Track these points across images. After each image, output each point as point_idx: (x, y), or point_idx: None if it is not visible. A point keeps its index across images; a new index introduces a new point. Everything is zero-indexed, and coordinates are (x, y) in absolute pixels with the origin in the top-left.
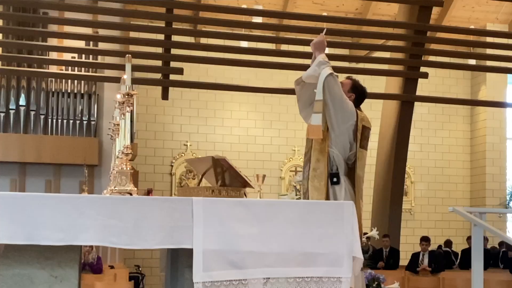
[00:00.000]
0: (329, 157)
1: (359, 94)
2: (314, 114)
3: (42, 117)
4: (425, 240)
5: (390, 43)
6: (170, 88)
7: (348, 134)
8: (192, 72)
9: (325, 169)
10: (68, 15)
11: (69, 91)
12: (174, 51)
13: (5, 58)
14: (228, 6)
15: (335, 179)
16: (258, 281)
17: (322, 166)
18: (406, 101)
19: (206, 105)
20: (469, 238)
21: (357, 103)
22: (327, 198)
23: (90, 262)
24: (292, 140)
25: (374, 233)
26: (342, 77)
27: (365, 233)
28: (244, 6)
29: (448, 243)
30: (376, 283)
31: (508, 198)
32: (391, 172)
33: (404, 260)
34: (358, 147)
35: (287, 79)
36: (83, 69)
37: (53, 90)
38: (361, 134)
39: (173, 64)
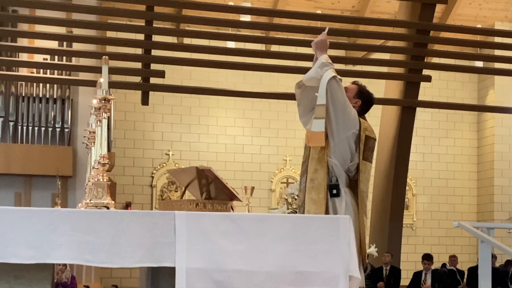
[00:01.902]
0: (328, 167)
1: (365, 101)
2: (316, 119)
3: (11, 124)
4: (427, 259)
5: (390, 43)
6: (151, 93)
7: (348, 143)
8: (175, 75)
9: (324, 180)
10: (40, 13)
11: (40, 95)
12: (155, 52)
13: None
14: (213, 3)
15: (334, 191)
16: None
17: (320, 177)
18: (408, 106)
19: (190, 111)
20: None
21: (363, 110)
22: (327, 212)
23: (64, 282)
24: (283, 149)
25: (372, 250)
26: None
27: None
28: (231, 3)
29: (453, 259)
30: None
31: None
32: (391, 183)
33: (405, 279)
34: (361, 159)
35: (277, 82)
36: (56, 71)
37: (23, 94)
38: (365, 145)
39: (154, 66)
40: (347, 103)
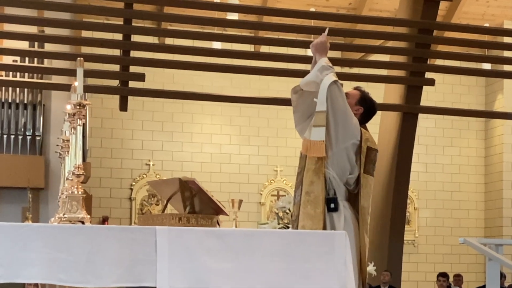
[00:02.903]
0: (325, 179)
1: (367, 109)
2: (315, 127)
3: None
4: (442, 276)
5: (390, 44)
6: (130, 98)
7: (347, 154)
8: (156, 78)
9: (321, 193)
10: (9, 11)
11: (10, 100)
12: (134, 53)
13: None
14: (198, 0)
15: (332, 205)
16: None
17: (317, 190)
18: (409, 112)
19: (172, 117)
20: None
21: (364, 119)
22: (324, 228)
23: None
24: (273, 158)
25: (371, 268)
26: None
27: None
28: (217, 0)
29: (458, 278)
30: None
31: None
32: (391, 196)
33: None
34: (361, 172)
35: (267, 86)
36: (26, 74)
37: None
38: (366, 157)
39: (133, 69)
40: (348, 110)
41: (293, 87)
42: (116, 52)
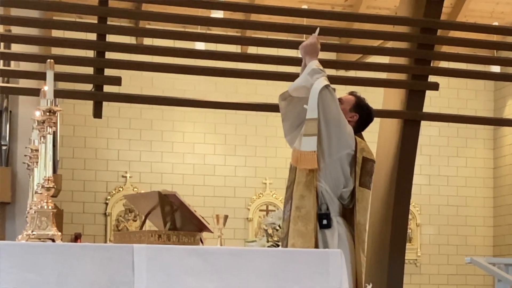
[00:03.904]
0: (317, 193)
1: (363, 116)
2: (306, 137)
3: None
4: None
5: (390, 44)
6: (104, 103)
7: (341, 166)
8: (133, 82)
9: (313, 208)
10: None
11: None
12: (109, 55)
13: None
14: None
15: (324, 221)
16: None
17: (308, 205)
18: (411, 119)
19: (151, 125)
20: None
21: (360, 127)
22: (316, 246)
23: None
24: (262, 170)
25: None
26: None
27: None
28: None
29: None
30: None
31: None
32: (391, 211)
33: None
34: (357, 185)
35: (255, 91)
36: None
37: None
38: (362, 168)
39: (108, 71)
40: (342, 117)
41: (281, 94)
42: (90, 53)
